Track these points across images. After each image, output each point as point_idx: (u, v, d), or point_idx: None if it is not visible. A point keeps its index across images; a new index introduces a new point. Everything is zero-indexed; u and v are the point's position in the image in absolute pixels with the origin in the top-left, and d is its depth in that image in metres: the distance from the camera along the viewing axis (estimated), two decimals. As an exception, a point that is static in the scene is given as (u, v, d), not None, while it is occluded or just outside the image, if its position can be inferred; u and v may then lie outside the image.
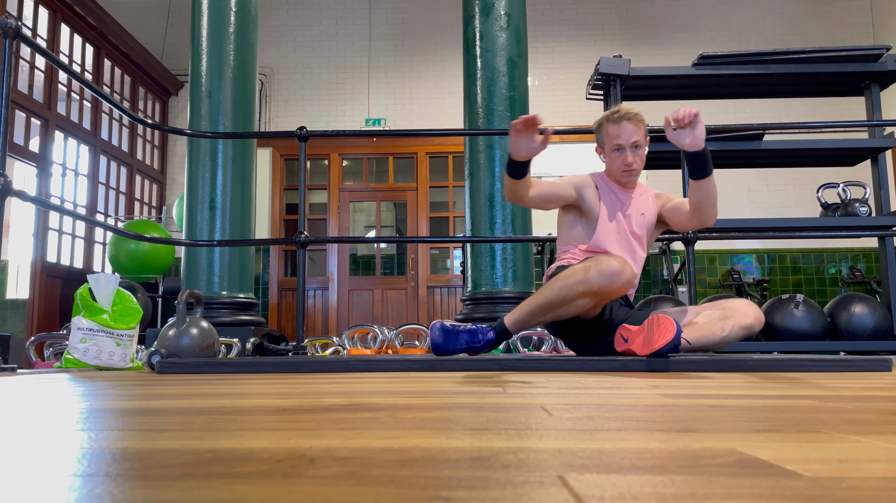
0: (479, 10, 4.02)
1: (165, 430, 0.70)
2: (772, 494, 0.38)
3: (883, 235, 3.82)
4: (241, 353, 3.43)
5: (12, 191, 2.08)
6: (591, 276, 2.13)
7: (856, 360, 2.02)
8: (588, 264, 2.17)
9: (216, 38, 4.03)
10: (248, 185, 4.08)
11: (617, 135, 2.45)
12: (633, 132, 2.44)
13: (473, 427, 0.69)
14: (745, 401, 0.98)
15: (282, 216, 7.45)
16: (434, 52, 7.59)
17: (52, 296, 5.74)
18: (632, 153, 2.44)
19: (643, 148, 2.47)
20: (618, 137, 2.45)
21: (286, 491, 0.40)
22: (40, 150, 5.66)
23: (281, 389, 1.31)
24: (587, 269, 2.15)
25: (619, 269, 2.12)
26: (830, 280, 7.07)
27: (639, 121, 2.46)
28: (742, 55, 4.58)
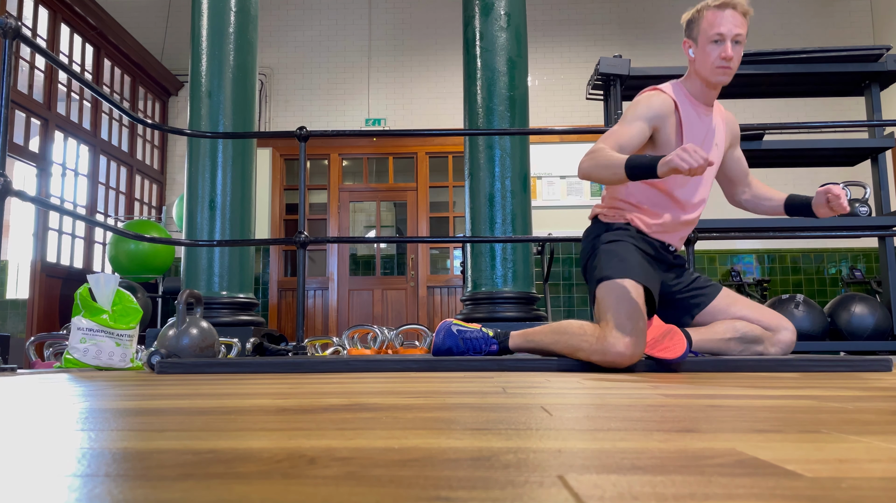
0: (479, 10, 4.02)
1: (165, 430, 0.70)
2: (772, 494, 0.38)
3: (883, 235, 3.82)
4: (241, 353, 3.43)
5: (12, 191, 2.08)
6: (593, 353, 1.97)
7: (856, 360, 2.02)
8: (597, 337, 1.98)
9: (216, 38, 4.03)
10: (248, 185, 4.08)
11: (720, 23, 2.10)
12: (739, 23, 2.11)
13: (473, 427, 0.69)
14: (745, 401, 0.98)
15: (282, 216, 7.45)
16: (434, 52, 7.60)
17: (52, 296, 5.74)
18: (732, 47, 2.11)
19: (742, 46, 2.14)
20: (720, 26, 2.10)
21: (286, 491, 0.40)
22: (40, 150, 5.66)
23: (281, 389, 1.31)
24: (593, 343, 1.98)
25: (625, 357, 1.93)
26: (830, 280, 7.07)
27: (745, 12, 2.14)
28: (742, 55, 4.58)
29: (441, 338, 2.28)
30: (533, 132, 3.73)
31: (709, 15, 2.13)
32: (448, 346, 2.28)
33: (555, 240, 3.24)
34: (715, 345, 2.22)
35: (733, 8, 2.12)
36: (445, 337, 2.28)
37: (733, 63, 2.11)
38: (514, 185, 3.88)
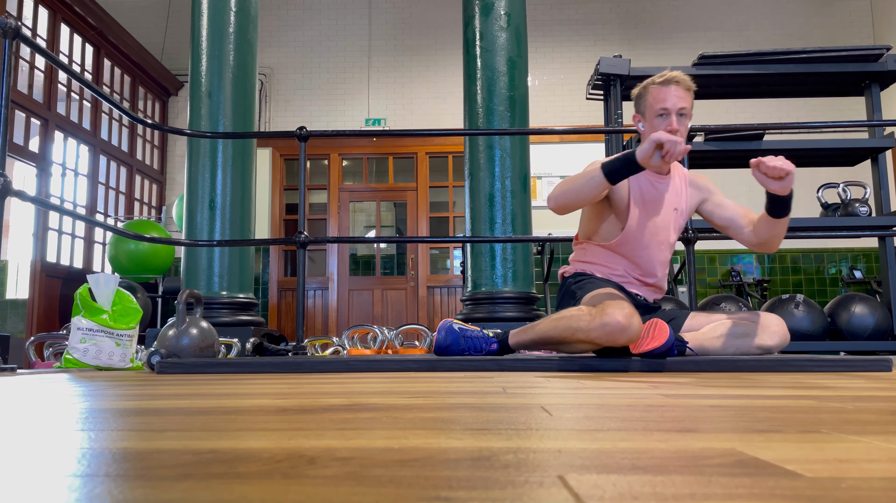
0: (479, 10, 4.02)
1: (165, 430, 0.70)
2: (772, 494, 0.38)
3: (883, 235, 3.82)
4: (241, 353, 3.43)
5: (12, 191, 2.08)
6: (592, 329, 1.99)
7: (856, 360, 2.02)
8: (594, 314, 2.01)
9: (216, 38, 4.03)
10: (248, 185, 4.08)
11: (663, 98, 2.22)
12: (682, 98, 2.22)
13: (473, 427, 0.69)
14: (745, 401, 0.98)
15: (282, 216, 7.45)
16: (434, 52, 7.59)
17: (52, 296, 5.74)
18: (677, 120, 2.21)
19: (689, 118, 2.24)
20: (664, 101, 2.22)
21: (286, 491, 0.40)
22: (40, 150, 5.66)
23: (281, 389, 1.31)
24: (592, 320, 2.00)
25: (625, 326, 1.94)
26: (830, 280, 7.07)
27: (689, 88, 2.26)
28: (742, 55, 4.58)
29: (443, 336, 2.31)
30: (533, 132, 3.74)
31: (654, 91, 2.25)
32: (449, 343, 2.30)
33: (555, 240, 3.24)
34: (708, 343, 2.24)
35: (676, 83, 2.23)
36: (447, 334, 2.31)
37: (679, 135, 2.17)
38: (514, 185, 3.88)
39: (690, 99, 2.26)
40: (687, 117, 2.24)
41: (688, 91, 2.25)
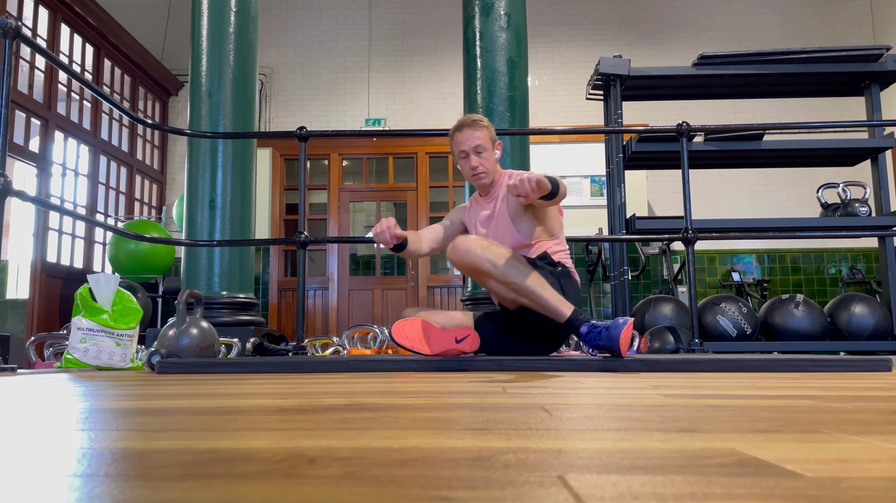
0: (479, 10, 4.02)
1: (165, 430, 0.70)
2: (772, 494, 0.38)
3: (883, 235, 3.82)
4: (241, 353, 3.43)
5: (12, 191, 2.08)
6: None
7: (856, 360, 2.02)
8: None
9: (216, 38, 4.03)
10: (248, 185, 4.08)
11: (460, 142, 2.57)
12: (473, 137, 2.54)
13: (473, 427, 0.69)
14: (745, 401, 0.98)
15: (282, 216, 7.45)
16: (434, 52, 7.60)
17: (52, 296, 5.74)
18: (476, 157, 2.55)
19: (489, 151, 2.57)
20: (461, 144, 2.56)
21: (286, 491, 0.40)
22: (40, 150, 5.66)
23: (281, 389, 1.31)
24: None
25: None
26: (830, 280, 7.07)
27: (479, 126, 2.56)
28: (742, 55, 4.58)
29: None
30: (533, 132, 3.73)
31: (454, 138, 2.60)
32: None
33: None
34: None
35: (468, 126, 2.57)
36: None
37: (481, 169, 2.56)
38: (514, 185, 3.88)
39: (485, 134, 2.56)
40: (487, 150, 2.57)
41: (479, 129, 2.56)
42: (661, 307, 4.43)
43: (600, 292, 7.05)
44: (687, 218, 3.16)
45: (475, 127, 2.56)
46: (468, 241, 2.29)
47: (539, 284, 2.26)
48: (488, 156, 2.58)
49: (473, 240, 2.29)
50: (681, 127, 3.24)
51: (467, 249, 2.27)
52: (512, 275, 2.25)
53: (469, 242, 2.28)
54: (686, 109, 7.18)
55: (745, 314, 4.30)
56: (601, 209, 6.87)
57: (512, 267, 2.26)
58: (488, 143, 2.57)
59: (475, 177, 2.58)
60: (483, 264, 2.26)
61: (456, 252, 2.30)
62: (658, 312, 4.40)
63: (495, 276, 2.26)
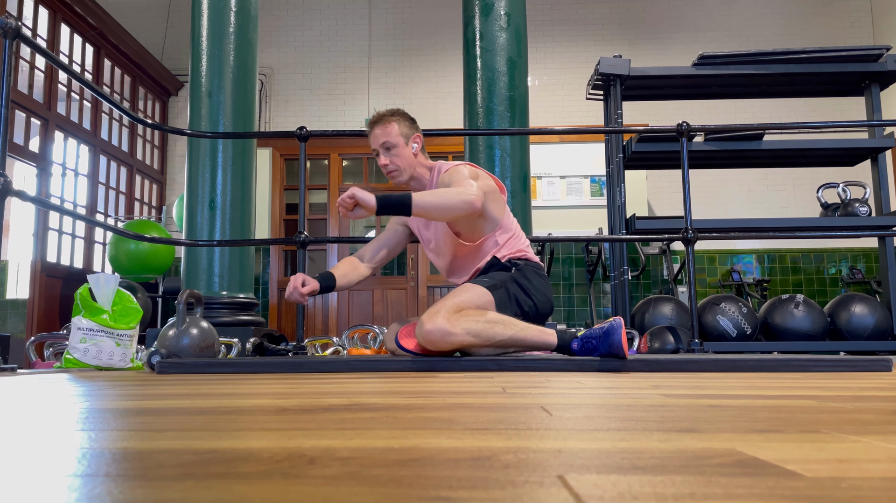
0: (479, 10, 4.02)
1: (165, 430, 0.70)
2: (772, 494, 0.38)
3: (883, 235, 3.82)
4: (241, 353, 3.43)
5: (12, 191, 2.08)
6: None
7: (856, 360, 2.02)
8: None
9: (216, 38, 4.03)
10: (248, 185, 4.08)
11: (370, 142, 2.52)
12: (379, 136, 2.48)
13: (473, 427, 0.69)
14: (745, 401, 0.98)
15: (282, 216, 7.45)
16: (434, 52, 7.59)
17: (52, 296, 5.74)
18: (385, 155, 2.48)
19: (399, 147, 2.48)
20: (371, 144, 2.52)
21: (286, 491, 0.40)
22: (40, 150, 5.66)
23: (281, 389, 1.31)
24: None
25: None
26: (830, 280, 7.07)
27: (386, 122, 2.49)
28: (742, 55, 4.58)
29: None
30: (533, 132, 3.73)
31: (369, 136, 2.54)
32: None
33: (555, 240, 3.24)
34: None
35: (373, 124, 2.51)
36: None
37: (391, 167, 2.48)
38: (514, 185, 3.88)
39: (394, 129, 2.48)
40: (397, 146, 2.48)
41: (387, 125, 2.48)
42: (661, 307, 4.43)
43: (600, 292, 7.05)
44: (687, 218, 3.16)
45: (382, 123, 2.49)
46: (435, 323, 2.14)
47: (520, 329, 2.20)
48: (400, 152, 2.48)
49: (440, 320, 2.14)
50: (681, 127, 3.24)
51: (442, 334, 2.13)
52: (493, 337, 2.17)
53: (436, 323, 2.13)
54: (686, 109, 7.18)
55: (745, 314, 4.30)
56: (601, 209, 6.87)
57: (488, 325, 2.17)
58: (398, 138, 2.47)
59: (388, 175, 2.51)
60: (464, 339, 2.15)
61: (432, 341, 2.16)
62: (658, 312, 4.40)
63: (479, 345, 2.18)
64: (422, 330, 2.16)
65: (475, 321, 2.17)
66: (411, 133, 2.52)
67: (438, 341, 2.14)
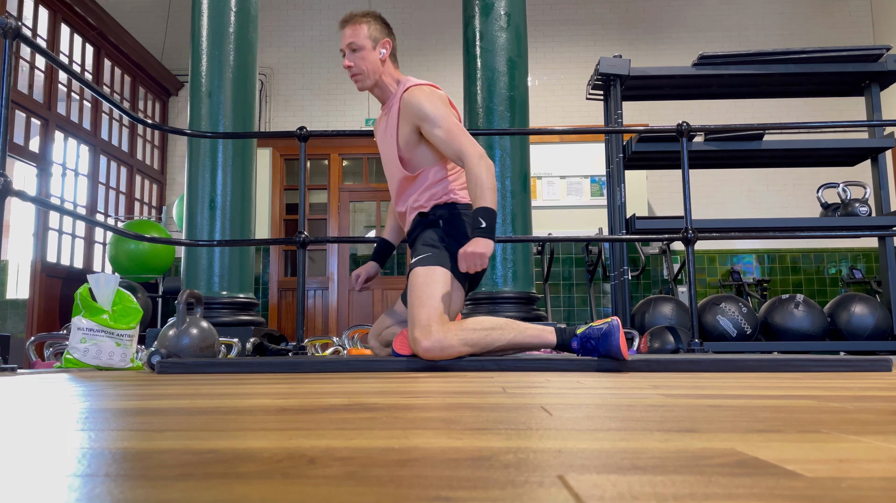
0: (479, 10, 4.02)
1: (165, 430, 0.70)
2: (772, 494, 0.38)
3: (883, 235, 3.82)
4: (241, 353, 3.43)
5: (12, 191, 2.08)
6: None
7: (856, 360, 2.02)
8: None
9: (216, 38, 4.03)
10: (248, 185, 4.08)
11: (342, 42, 2.41)
12: (347, 35, 2.38)
13: (473, 427, 0.69)
14: (745, 401, 0.98)
15: (282, 216, 7.45)
16: (434, 52, 7.60)
17: (52, 296, 5.74)
18: (349, 57, 2.38)
19: (366, 50, 2.37)
20: (341, 44, 2.41)
21: (286, 491, 0.40)
22: (40, 150, 5.66)
23: (281, 389, 1.31)
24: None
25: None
26: (830, 280, 7.07)
27: (356, 22, 2.38)
28: (742, 55, 4.58)
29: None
30: (533, 132, 3.73)
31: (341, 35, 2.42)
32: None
33: (555, 240, 3.24)
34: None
35: (345, 22, 2.40)
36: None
37: (354, 70, 2.38)
38: (514, 185, 3.88)
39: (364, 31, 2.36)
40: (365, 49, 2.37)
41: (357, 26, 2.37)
42: (661, 307, 4.43)
43: (600, 292, 7.05)
44: (687, 218, 3.16)
45: (353, 23, 2.38)
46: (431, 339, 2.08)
47: (518, 332, 2.16)
48: (366, 55, 2.36)
49: (435, 334, 2.08)
50: (681, 127, 3.24)
51: (440, 349, 2.07)
52: (491, 343, 2.13)
53: (433, 339, 2.07)
54: (686, 109, 7.18)
55: (745, 314, 4.30)
56: (601, 209, 6.87)
57: (485, 333, 2.13)
58: (366, 41, 2.36)
59: (353, 78, 2.41)
60: (462, 350, 2.10)
61: (431, 357, 2.09)
62: (658, 312, 4.40)
63: (478, 353, 2.15)
64: (418, 348, 2.10)
65: (472, 331, 2.13)
66: (381, 38, 2.40)
67: (438, 356, 2.09)
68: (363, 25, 2.37)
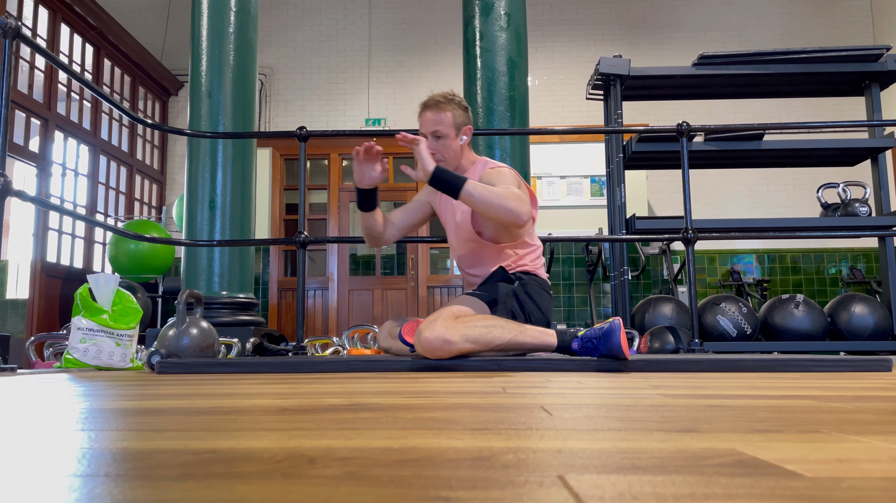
0: (479, 10, 4.02)
1: (165, 430, 0.70)
2: (772, 494, 0.38)
3: (883, 235, 3.82)
4: (241, 353, 3.43)
5: (12, 191, 2.08)
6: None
7: (856, 360, 2.02)
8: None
9: (216, 38, 4.03)
10: (248, 185, 4.08)
11: (421, 123, 2.43)
12: (432, 122, 2.39)
13: (473, 427, 0.69)
14: (745, 401, 0.98)
15: (282, 216, 7.45)
16: (434, 52, 7.59)
17: (52, 296, 5.74)
18: (433, 144, 2.40)
19: (451, 139, 2.40)
20: (421, 126, 2.43)
21: (286, 491, 0.40)
22: (40, 150, 5.66)
23: (281, 389, 1.31)
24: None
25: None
26: (830, 280, 7.07)
27: (440, 109, 2.39)
28: (742, 55, 4.58)
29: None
30: (533, 132, 3.73)
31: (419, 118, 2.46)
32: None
33: (555, 240, 3.24)
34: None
35: (427, 108, 2.41)
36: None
37: (437, 156, 2.40)
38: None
39: (449, 119, 2.39)
40: (448, 138, 2.39)
41: (441, 112, 2.39)
42: (661, 307, 4.43)
43: (600, 292, 7.06)
44: (687, 218, 3.16)
45: (437, 109, 2.39)
46: (434, 331, 2.07)
47: (519, 332, 2.16)
48: (449, 143, 2.40)
49: (438, 328, 2.08)
50: (681, 127, 3.24)
51: (441, 342, 2.07)
52: (492, 342, 2.12)
53: (435, 332, 2.07)
54: (686, 109, 7.19)
55: (745, 314, 4.30)
56: (601, 209, 6.87)
57: (486, 329, 2.12)
58: (450, 129, 2.39)
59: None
60: (463, 346, 2.09)
61: (431, 350, 2.08)
62: (658, 312, 4.40)
63: (479, 350, 2.14)
64: (420, 339, 2.10)
65: (473, 327, 2.12)
66: (463, 124, 2.43)
67: (437, 349, 2.08)
68: (448, 113, 2.39)
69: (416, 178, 2.19)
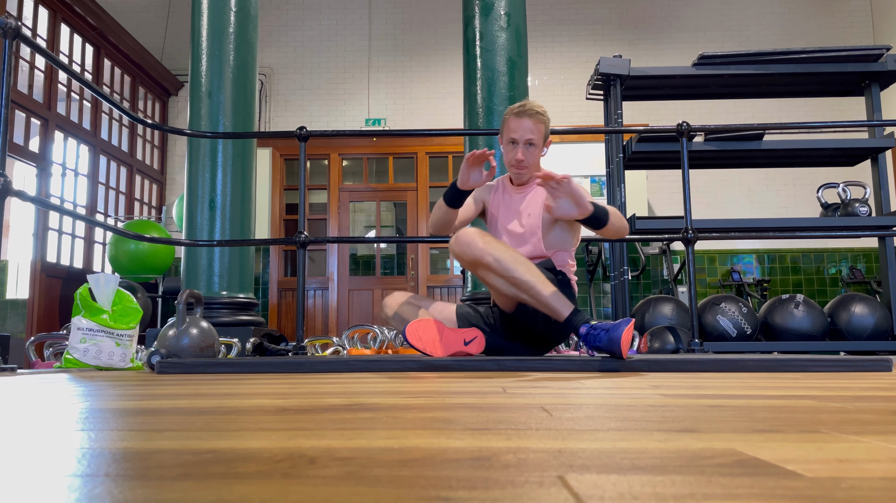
0: (479, 10, 4.02)
1: (165, 430, 0.70)
2: (772, 494, 0.38)
3: (883, 235, 3.82)
4: (241, 353, 3.43)
5: (12, 191, 2.08)
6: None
7: (856, 360, 2.02)
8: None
9: (216, 38, 4.03)
10: (248, 185, 4.08)
11: (515, 128, 2.48)
12: (530, 129, 2.47)
13: (473, 427, 0.69)
14: (745, 401, 0.98)
15: (282, 216, 7.45)
16: (434, 52, 7.60)
17: (52, 296, 5.74)
18: (524, 150, 2.48)
19: (538, 148, 2.51)
20: (514, 131, 2.48)
21: (286, 491, 0.40)
22: (40, 150, 5.66)
23: (281, 389, 1.31)
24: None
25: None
26: (830, 280, 7.07)
27: (540, 121, 2.49)
28: (742, 55, 4.58)
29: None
30: (533, 132, 3.72)
31: (510, 121, 2.50)
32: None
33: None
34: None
35: (529, 116, 2.47)
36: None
37: (525, 163, 2.49)
38: (514, 185, 3.88)
39: (542, 131, 2.49)
40: (537, 147, 2.50)
41: (539, 124, 2.48)
42: (661, 307, 4.43)
43: (600, 292, 7.05)
44: (687, 218, 3.16)
45: (536, 120, 2.47)
46: (469, 234, 2.28)
47: (540, 281, 2.25)
48: (536, 152, 2.51)
49: (475, 233, 2.28)
50: (681, 127, 3.24)
51: (469, 242, 2.27)
52: (513, 271, 2.24)
53: (470, 235, 2.27)
54: (686, 109, 7.19)
55: (745, 314, 4.30)
56: (601, 209, 6.86)
57: (513, 262, 2.25)
58: (541, 140, 2.50)
59: (516, 168, 2.52)
60: (484, 257, 2.25)
61: (458, 244, 2.29)
62: (658, 312, 4.40)
63: (496, 271, 2.26)
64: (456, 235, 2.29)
65: (503, 249, 2.27)
66: (548, 137, 2.56)
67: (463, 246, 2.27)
68: (542, 125, 2.49)
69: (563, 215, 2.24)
